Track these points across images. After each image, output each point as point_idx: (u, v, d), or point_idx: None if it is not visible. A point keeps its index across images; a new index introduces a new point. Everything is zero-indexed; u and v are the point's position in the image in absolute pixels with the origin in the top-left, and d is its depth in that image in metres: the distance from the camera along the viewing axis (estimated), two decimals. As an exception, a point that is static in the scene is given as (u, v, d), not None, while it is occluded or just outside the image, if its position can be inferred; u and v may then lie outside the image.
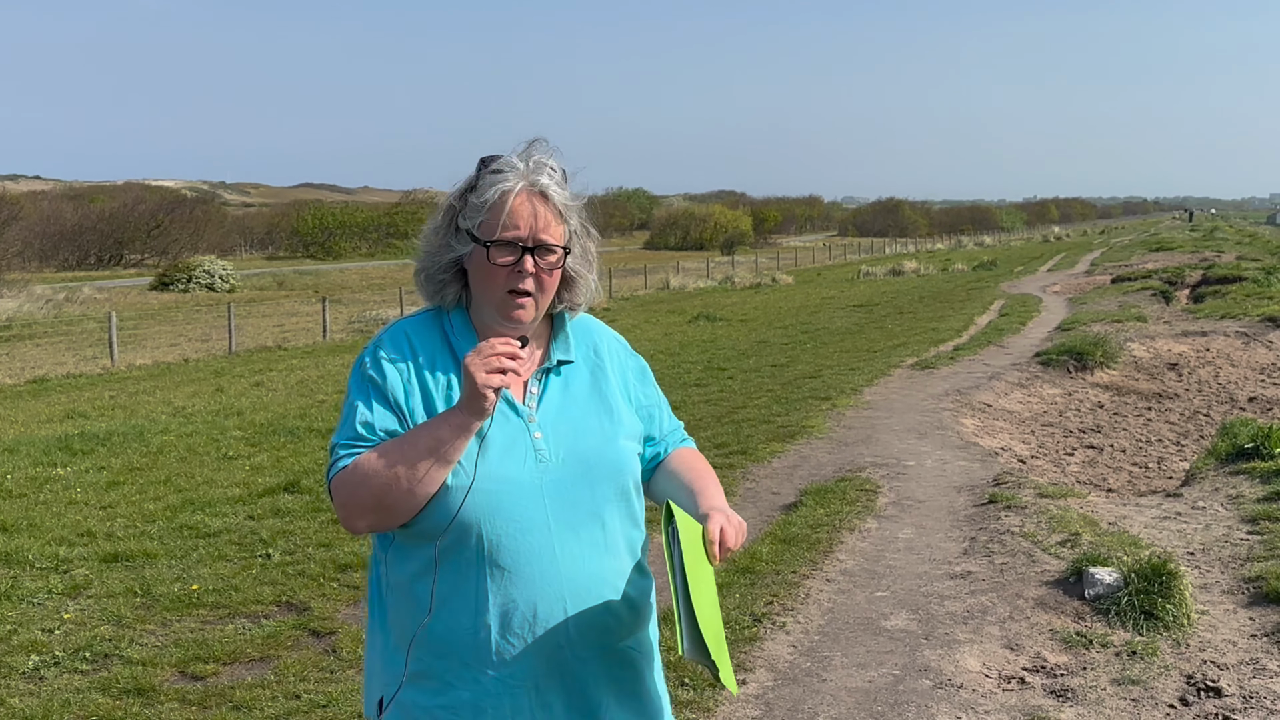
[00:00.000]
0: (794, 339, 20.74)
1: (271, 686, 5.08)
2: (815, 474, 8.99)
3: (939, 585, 6.12)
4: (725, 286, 42.18)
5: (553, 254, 2.18)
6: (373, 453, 2.07)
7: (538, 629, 2.12)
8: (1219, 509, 7.40)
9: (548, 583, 2.12)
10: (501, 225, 2.14)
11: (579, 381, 2.28)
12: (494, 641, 2.10)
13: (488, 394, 2.00)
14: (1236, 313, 19.78)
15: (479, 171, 2.20)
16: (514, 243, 2.15)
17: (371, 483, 2.05)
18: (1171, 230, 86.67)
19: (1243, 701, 4.60)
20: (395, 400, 2.14)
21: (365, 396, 2.15)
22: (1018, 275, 40.44)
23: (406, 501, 2.05)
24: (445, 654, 2.12)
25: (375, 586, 2.24)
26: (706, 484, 2.29)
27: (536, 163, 2.19)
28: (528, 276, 2.16)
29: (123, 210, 66.36)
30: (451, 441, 2.04)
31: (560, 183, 2.21)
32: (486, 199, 2.16)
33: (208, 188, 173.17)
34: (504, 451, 2.13)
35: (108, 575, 6.81)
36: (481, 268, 2.17)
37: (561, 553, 2.13)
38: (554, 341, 2.29)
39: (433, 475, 2.04)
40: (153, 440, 11.61)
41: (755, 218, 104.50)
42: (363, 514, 2.07)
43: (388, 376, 2.16)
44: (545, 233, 2.17)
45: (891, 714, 4.60)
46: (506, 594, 2.10)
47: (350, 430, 2.12)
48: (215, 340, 25.30)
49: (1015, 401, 13.02)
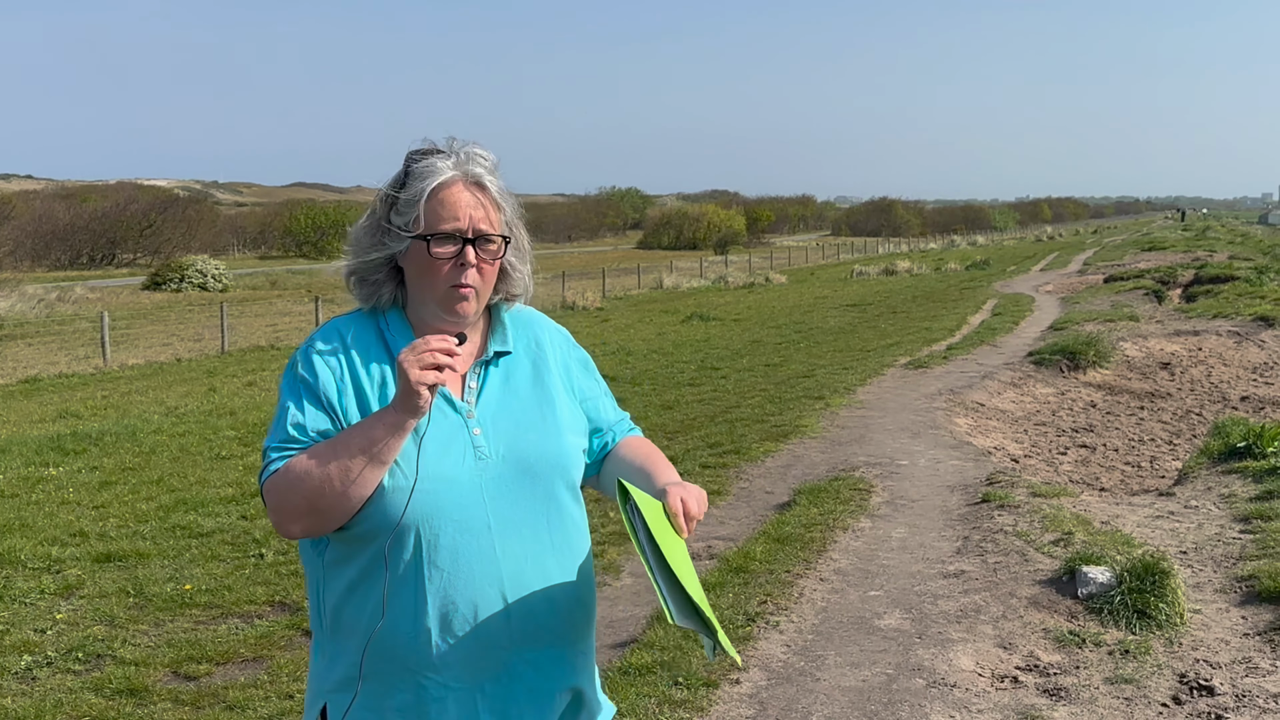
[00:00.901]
0: (787, 338, 20.75)
1: (265, 686, 5.07)
2: (809, 473, 8.99)
3: (932, 584, 6.13)
4: (718, 286, 42.18)
5: (493, 244, 2.14)
6: (304, 455, 2.02)
7: (478, 631, 2.07)
8: (1211, 508, 7.42)
9: (488, 584, 2.08)
10: (439, 218, 2.10)
11: (520, 373, 2.23)
12: (434, 644, 2.06)
13: (421, 391, 1.95)
14: (1229, 312, 19.82)
15: (408, 166, 2.15)
16: (454, 234, 2.11)
17: (303, 486, 1.99)
18: (1164, 230, 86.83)
19: (1235, 700, 4.60)
20: (328, 400, 2.09)
21: (297, 397, 2.10)
22: (1010, 275, 40.49)
23: (340, 504, 2.00)
24: (387, 657, 2.08)
25: (315, 593, 2.18)
26: (657, 463, 2.25)
27: (468, 153, 2.15)
28: (470, 268, 2.11)
29: (115, 210, 66.19)
30: (385, 441, 1.99)
31: (493, 171, 2.17)
32: (420, 191, 2.11)
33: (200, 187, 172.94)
34: (442, 450, 2.08)
35: (100, 575, 6.80)
36: (420, 262, 2.12)
37: (502, 553, 2.09)
38: (491, 333, 2.24)
39: (367, 477, 1.99)
40: (145, 440, 11.60)
41: (748, 217, 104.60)
42: (296, 518, 2.02)
43: (320, 376, 2.10)
44: (484, 222, 2.13)
45: (885, 713, 4.60)
46: (446, 595, 2.06)
47: (282, 433, 2.07)
48: (208, 340, 25.26)
49: (1008, 401, 13.04)
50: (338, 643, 2.15)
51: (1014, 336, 18.93)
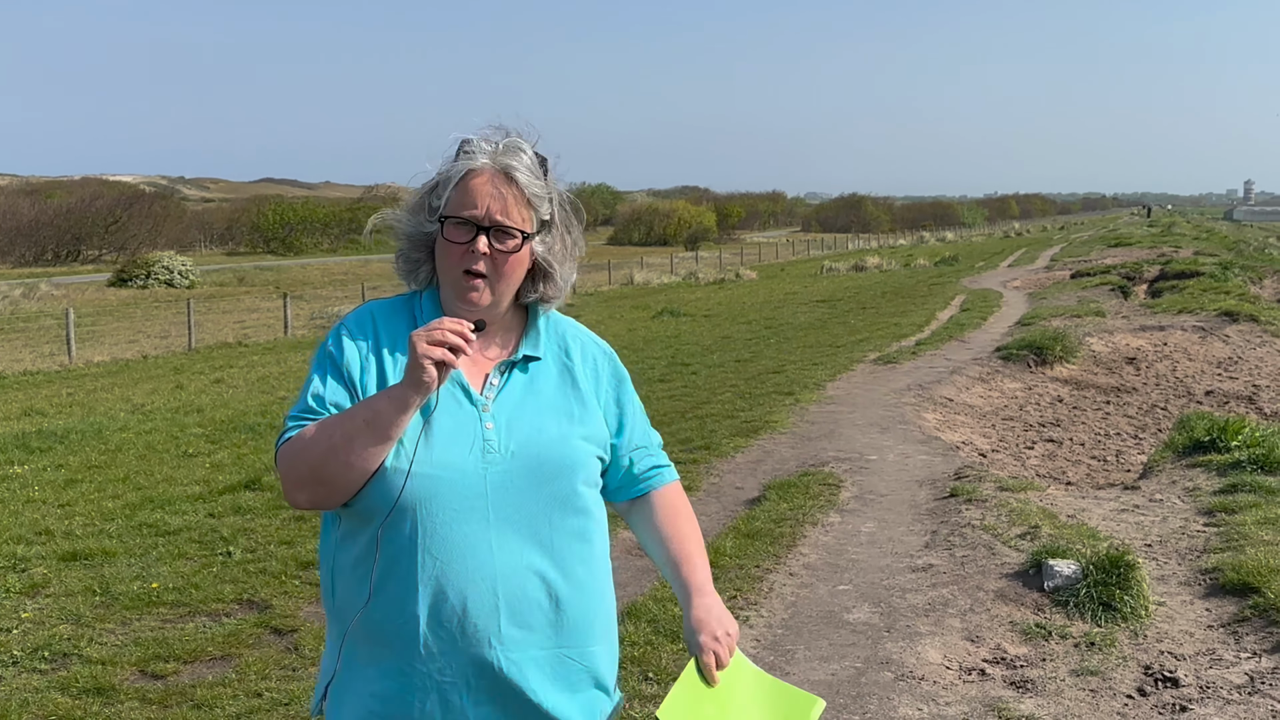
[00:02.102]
0: (757, 334, 20.79)
1: (233, 685, 5.04)
2: (778, 468, 9.02)
3: (901, 578, 6.16)
4: (689, 282, 42.23)
5: (511, 238, 2.14)
6: (315, 424, 2.05)
7: (466, 624, 2.06)
8: (1176, 501, 7.49)
9: (480, 577, 2.06)
10: (460, 204, 2.13)
11: (545, 380, 2.23)
12: (422, 633, 2.06)
13: (426, 366, 1.95)
14: (1193, 307, 20.01)
15: (456, 152, 2.18)
16: (469, 221, 2.12)
17: (309, 453, 2.02)
18: (1130, 226, 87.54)
19: (1199, 691, 4.65)
20: (349, 376, 2.12)
21: (322, 371, 2.14)
22: (979, 271, 40.70)
23: (343, 475, 2.01)
24: (378, 641, 2.08)
25: (327, 570, 2.19)
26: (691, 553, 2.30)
27: (509, 145, 2.17)
28: (480, 257, 2.12)
29: (80, 205, 65.51)
30: (388, 414, 1.99)
31: (531, 168, 2.17)
32: (452, 175, 2.14)
33: (166, 183, 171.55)
34: (449, 438, 2.08)
35: (66, 574, 6.74)
36: (441, 245, 2.16)
37: (498, 547, 2.08)
38: (524, 336, 2.25)
39: (369, 450, 2.00)
40: (111, 438, 11.50)
41: (719, 213, 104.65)
42: (300, 485, 2.04)
43: (345, 352, 2.14)
44: (504, 215, 2.13)
45: (854, 706, 4.63)
46: (437, 584, 2.05)
47: (303, 403, 2.11)
48: (175, 337, 25.08)
49: (976, 396, 13.12)
50: (337, 623, 2.16)
51: (982, 332, 19.05)
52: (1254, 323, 18.13)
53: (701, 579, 2.27)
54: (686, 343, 19.73)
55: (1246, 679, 4.73)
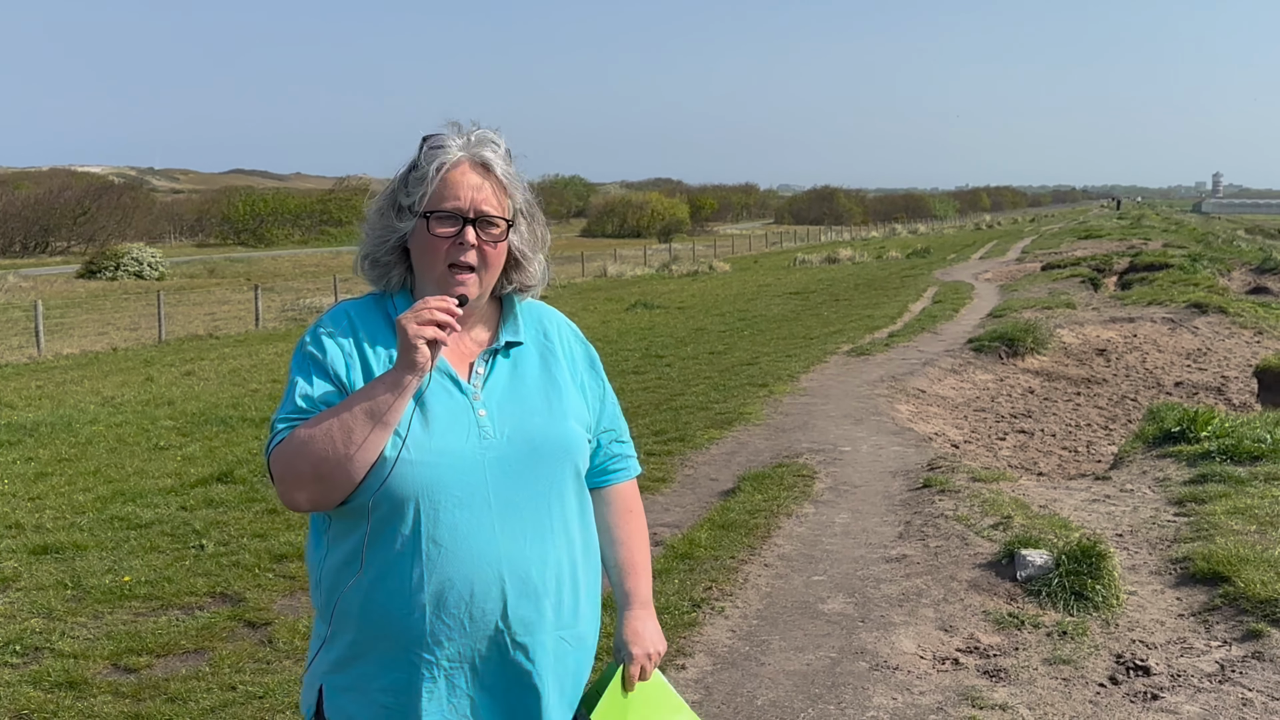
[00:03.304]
0: (731, 326, 20.82)
1: (206, 678, 5.02)
2: (753, 460, 9.04)
3: (875, 569, 6.19)
4: (663, 274, 42.24)
5: (495, 226, 2.15)
6: (309, 422, 2.03)
7: (474, 610, 2.07)
8: (1146, 491, 7.55)
9: (486, 562, 2.08)
10: (442, 197, 2.12)
11: (528, 364, 2.24)
12: (428, 622, 2.06)
13: (419, 345, 1.96)
14: (1163, 299, 20.16)
15: (420, 149, 2.17)
16: (454, 214, 2.12)
17: (309, 450, 1.99)
18: (1100, 218, 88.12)
19: (1170, 680, 4.70)
20: (335, 374, 2.11)
21: (306, 373, 2.12)
22: (950, 263, 40.89)
23: (345, 469, 1.99)
24: (381, 635, 2.08)
25: (320, 573, 2.18)
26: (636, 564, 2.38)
27: (479, 136, 2.18)
28: (469, 249, 2.13)
29: (48, 197, 64.85)
30: (386, 400, 1.99)
31: (504, 157, 2.19)
32: (426, 172, 2.13)
33: (135, 174, 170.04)
34: (446, 425, 2.09)
35: (37, 568, 6.69)
36: (422, 241, 2.15)
37: (502, 531, 2.09)
38: (503, 323, 2.26)
39: (370, 438, 1.99)
40: (81, 431, 11.41)
41: (692, 205, 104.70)
42: (301, 485, 2.01)
43: (328, 352, 2.12)
44: (487, 204, 2.14)
45: (829, 696, 4.65)
46: (443, 572, 2.06)
47: (290, 405, 2.08)
48: (144, 329, 24.89)
49: (948, 387, 13.19)
50: (335, 624, 2.14)
51: (954, 324, 19.14)
52: (1223, 314, 18.29)
53: (645, 594, 2.37)
54: (660, 335, 19.74)
55: (1217, 667, 4.77)
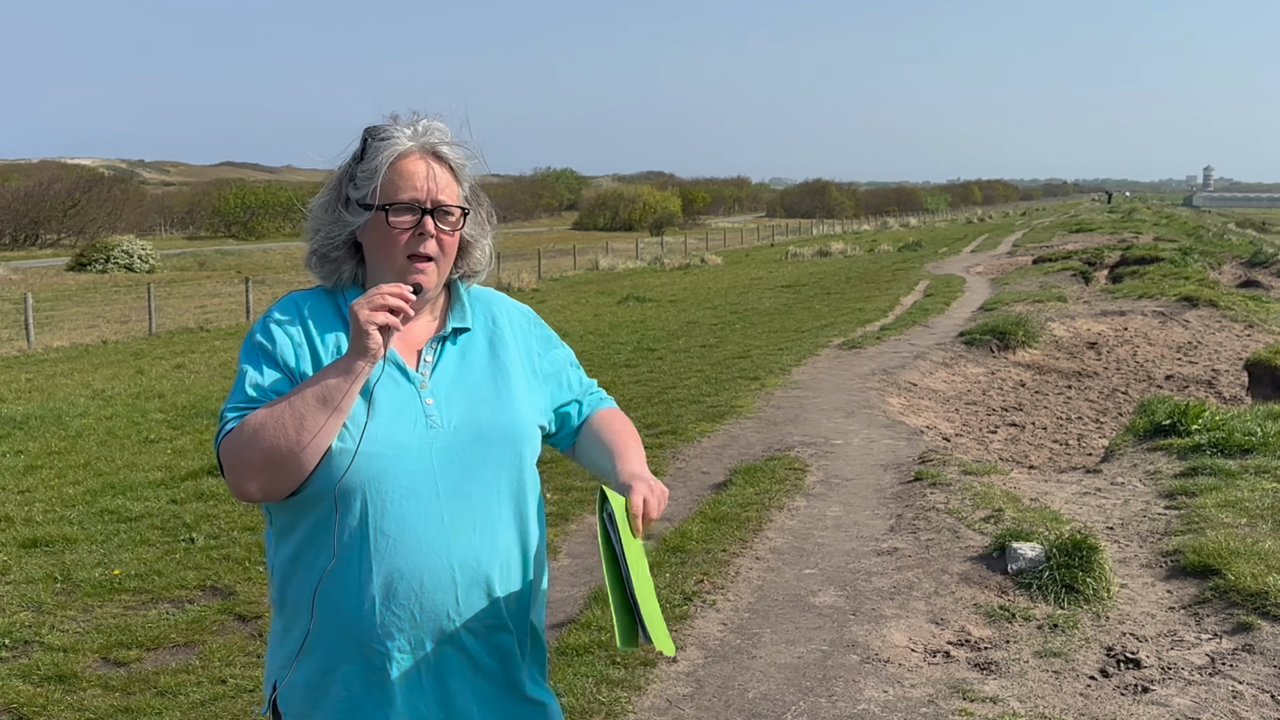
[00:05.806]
0: (723, 319, 20.82)
1: (197, 672, 5.01)
2: (745, 453, 9.04)
3: (866, 562, 6.19)
4: (654, 267, 42.19)
5: (452, 215, 2.14)
6: (260, 410, 2.00)
7: (424, 600, 2.07)
8: (1137, 485, 7.57)
9: (436, 552, 2.07)
10: (397, 188, 2.10)
11: (476, 351, 2.22)
12: (379, 613, 2.05)
13: (371, 331, 1.94)
14: (1154, 292, 20.19)
15: (365, 141, 2.14)
16: (412, 205, 2.10)
17: (260, 438, 1.96)
18: (1091, 212, 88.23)
19: (1161, 672, 4.71)
20: (285, 364, 2.08)
21: (255, 362, 2.09)
22: (942, 256, 40.91)
23: (296, 457, 1.97)
24: (333, 627, 2.07)
25: (273, 566, 2.18)
26: (628, 446, 2.26)
27: (426, 125, 2.15)
28: (429, 239, 2.11)
29: (38, 189, 64.59)
30: (339, 386, 1.97)
31: (452, 143, 2.17)
32: (378, 164, 2.10)
33: (126, 166, 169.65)
34: (393, 416, 2.07)
35: (26, 561, 6.67)
36: (379, 234, 2.12)
37: (451, 521, 2.08)
38: (450, 310, 2.24)
39: (322, 425, 1.97)
40: (71, 424, 11.38)
41: (684, 199, 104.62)
42: (252, 474, 1.98)
43: (277, 342, 2.10)
44: (443, 193, 2.13)
45: (820, 688, 4.65)
46: (392, 563, 2.05)
47: (240, 395, 2.06)
48: (135, 322, 24.80)
49: (940, 380, 13.20)
50: (287, 617, 2.14)
51: (945, 317, 19.15)
52: (1213, 308, 18.33)
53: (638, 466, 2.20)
54: (652, 328, 19.73)
55: (1207, 660, 4.79)
